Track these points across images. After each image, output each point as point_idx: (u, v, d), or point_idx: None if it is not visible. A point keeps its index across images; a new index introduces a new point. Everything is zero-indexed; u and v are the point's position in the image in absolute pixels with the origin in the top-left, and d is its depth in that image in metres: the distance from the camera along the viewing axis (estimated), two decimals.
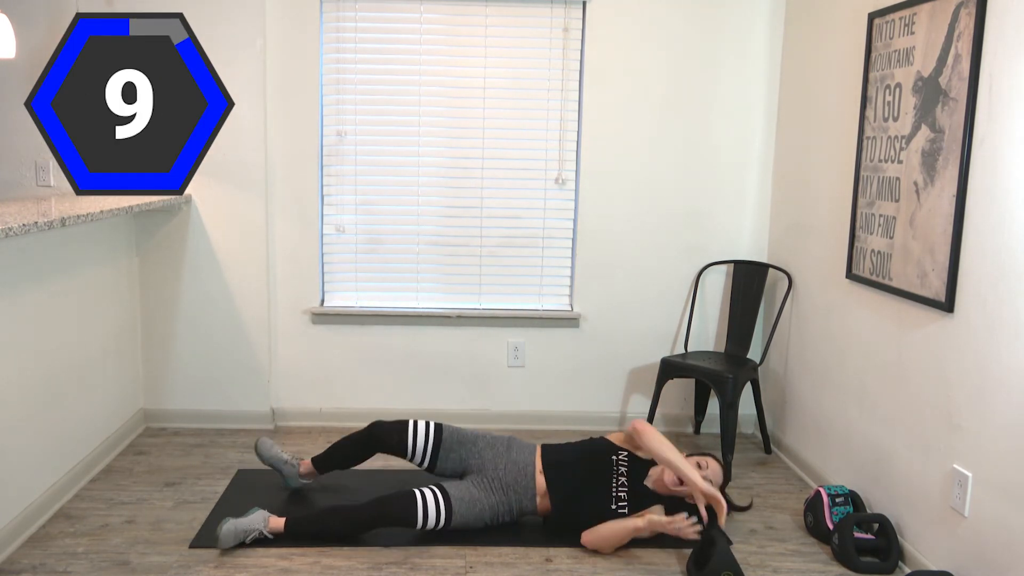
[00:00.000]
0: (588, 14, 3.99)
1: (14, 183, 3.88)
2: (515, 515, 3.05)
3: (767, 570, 2.86)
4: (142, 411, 4.06)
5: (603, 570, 2.82)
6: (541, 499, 3.03)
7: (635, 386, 4.28)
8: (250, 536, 2.88)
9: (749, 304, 4.04)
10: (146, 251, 3.98)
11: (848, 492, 3.10)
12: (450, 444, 3.11)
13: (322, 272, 4.15)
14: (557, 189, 4.15)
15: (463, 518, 2.95)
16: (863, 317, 3.22)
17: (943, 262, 2.66)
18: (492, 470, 3.04)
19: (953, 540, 2.63)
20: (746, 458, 3.93)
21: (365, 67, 4.01)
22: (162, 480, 3.45)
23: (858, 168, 3.23)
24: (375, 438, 3.14)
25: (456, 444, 3.12)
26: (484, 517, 2.99)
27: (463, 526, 2.97)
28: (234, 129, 3.85)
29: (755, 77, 4.07)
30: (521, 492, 3.02)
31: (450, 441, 3.12)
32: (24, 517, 2.91)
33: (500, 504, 3.00)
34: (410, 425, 3.14)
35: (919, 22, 2.84)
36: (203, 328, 4.03)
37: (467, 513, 2.95)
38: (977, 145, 2.53)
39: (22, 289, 2.92)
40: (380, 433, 3.14)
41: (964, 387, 2.59)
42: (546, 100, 4.07)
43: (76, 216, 2.85)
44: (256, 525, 2.90)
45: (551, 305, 4.24)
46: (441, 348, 4.19)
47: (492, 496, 3.00)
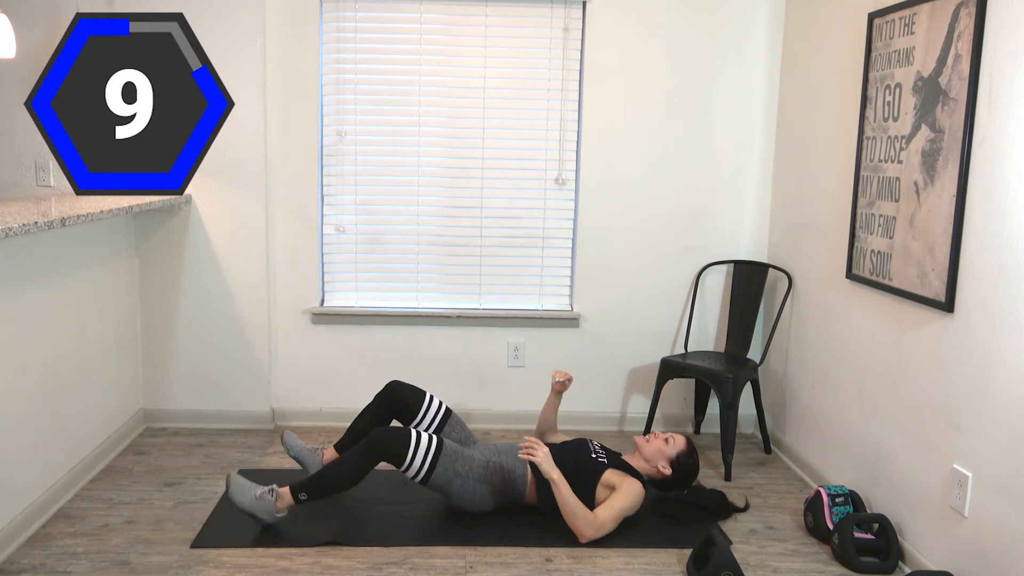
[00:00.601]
0: (588, 14, 3.99)
1: (14, 183, 3.88)
2: (505, 482, 3.10)
3: (767, 570, 2.86)
4: (142, 411, 4.06)
5: (603, 570, 2.82)
6: (531, 488, 3.14)
7: (635, 386, 4.28)
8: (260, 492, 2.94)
9: (749, 304, 4.04)
10: (146, 251, 3.98)
11: (848, 492, 3.10)
12: (455, 422, 3.40)
13: (322, 272, 4.15)
14: (557, 189, 4.15)
15: (450, 466, 3.02)
16: (863, 317, 3.22)
17: (943, 262, 2.66)
18: (484, 444, 3.30)
19: (953, 540, 2.63)
20: (746, 458, 3.93)
21: (365, 67, 4.01)
22: (162, 480, 3.45)
23: (858, 168, 3.23)
24: (395, 392, 3.38)
25: (459, 426, 3.40)
26: (474, 472, 3.06)
27: (448, 481, 3.03)
28: (234, 129, 3.85)
29: (755, 77, 4.07)
30: (513, 460, 3.15)
31: (455, 421, 3.41)
32: (24, 517, 2.91)
33: (492, 464, 3.10)
34: (427, 396, 3.40)
35: (919, 22, 2.84)
36: (203, 328, 4.03)
37: (455, 463, 3.04)
38: (977, 145, 2.53)
39: (22, 289, 2.92)
40: (400, 388, 3.39)
41: (964, 387, 2.59)
42: (546, 100, 4.07)
43: (76, 216, 2.85)
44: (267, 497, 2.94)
45: (551, 305, 4.24)
46: (441, 348, 4.19)
47: (484, 455, 3.14)
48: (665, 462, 3.25)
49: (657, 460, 3.25)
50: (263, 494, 2.95)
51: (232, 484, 2.93)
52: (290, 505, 2.97)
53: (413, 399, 3.36)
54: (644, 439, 3.32)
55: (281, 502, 2.97)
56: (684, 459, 3.26)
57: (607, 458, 3.20)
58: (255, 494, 2.94)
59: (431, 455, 3.01)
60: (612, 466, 3.16)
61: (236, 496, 2.92)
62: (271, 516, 2.96)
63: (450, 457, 3.04)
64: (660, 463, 3.25)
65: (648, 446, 3.29)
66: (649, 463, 3.26)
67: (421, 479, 3.02)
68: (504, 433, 4.14)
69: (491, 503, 3.13)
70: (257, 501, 2.93)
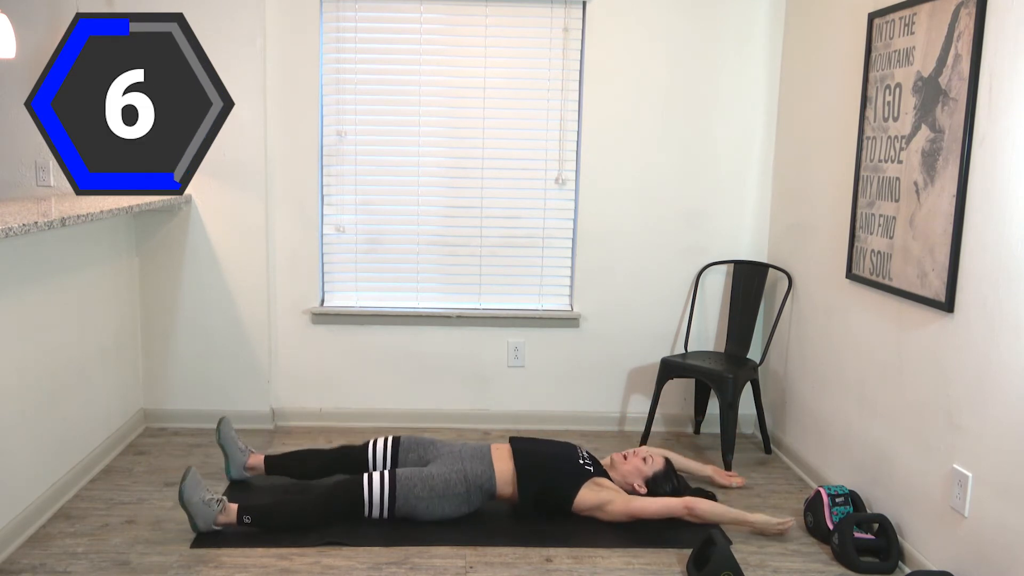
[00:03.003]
0: (588, 14, 3.99)
1: (14, 183, 3.88)
2: (471, 487, 3.06)
3: (767, 570, 2.86)
4: (142, 411, 4.06)
5: (603, 570, 2.82)
6: (503, 485, 3.09)
7: (635, 386, 4.28)
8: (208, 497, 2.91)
9: (749, 304, 4.04)
10: (146, 251, 3.98)
11: (848, 492, 3.10)
12: (408, 446, 3.28)
13: (322, 272, 4.15)
14: (557, 189, 4.15)
15: (410, 494, 2.99)
16: (863, 317, 3.22)
17: (943, 262, 2.66)
18: (448, 451, 3.20)
19: (953, 540, 2.63)
20: (746, 458, 3.93)
21: (365, 67, 4.01)
22: (162, 480, 3.45)
23: (858, 168, 3.23)
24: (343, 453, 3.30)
25: (415, 445, 3.28)
26: (436, 489, 3.01)
27: (413, 508, 3.01)
28: (234, 129, 3.85)
29: (755, 77, 4.07)
30: (478, 463, 3.10)
31: (408, 443, 3.29)
32: (24, 517, 2.91)
33: (453, 473, 3.05)
34: (369, 445, 3.31)
35: (919, 22, 2.84)
36: (203, 328, 4.03)
37: (414, 488, 3.00)
38: (977, 145, 2.53)
39: (22, 289, 2.92)
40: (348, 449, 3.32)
41: (964, 387, 2.59)
42: (546, 100, 4.07)
43: (76, 216, 2.86)
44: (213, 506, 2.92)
45: (551, 305, 4.23)
46: (441, 348, 4.19)
47: (444, 467, 3.08)
48: (641, 481, 3.23)
49: (633, 478, 3.24)
50: (211, 500, 2.92)
51: (189, 478, 2.90)
52: (231, 523, 2.94)
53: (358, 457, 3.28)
54: (622, 456, 3.31)
55: (224, 516, 2.93)
56: (661, 480, 3.23)
57: (593, 467, 3.20)
58: (204, 498, 2.91)
59: (387, 492, 2.99)
60: (597, 475, 3.18)
61: (187, 491, 2.88)
62: (207, 525, 2.92)
63: (406, 485, 3.00)
64: (636, 481, 3.23)
65: (626, 464, 3.27)
66: (625, 480, 3.25)
67: (386, 516, 3.01)
68: (504, 433, 4.14)
69: (464, 511, 3.10)
70: (202, 506, 2.90)
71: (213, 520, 2.92)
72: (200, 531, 2.93)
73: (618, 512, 3.08)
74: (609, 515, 3.10)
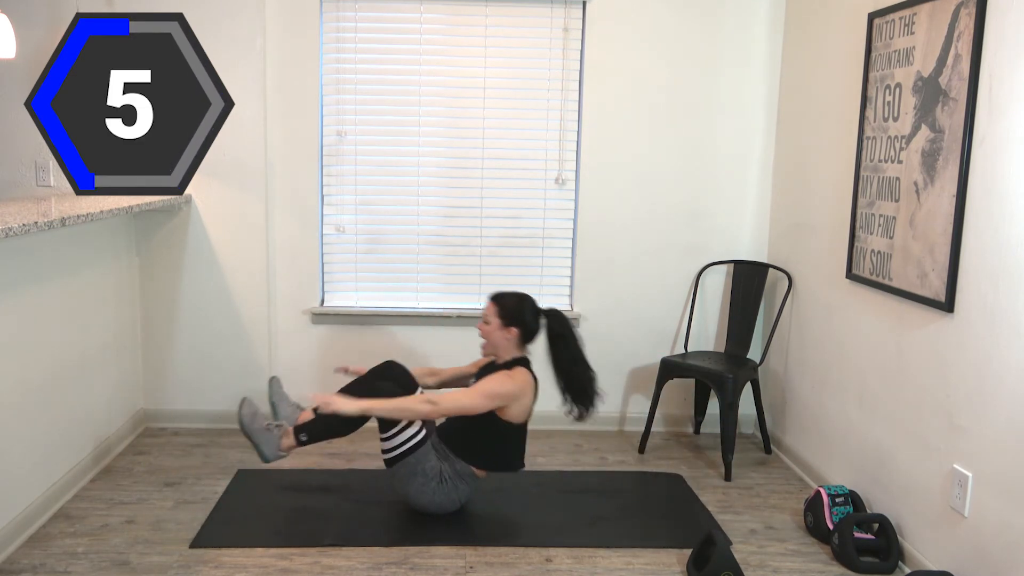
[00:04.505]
0: (588, 14, 3.99)
1: (14, 183, 3.89)
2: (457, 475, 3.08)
3: (767, 570, 2.86)
4: (142, 411, 4.06)
5: (603, 570, 2.82)
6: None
7: (635, 386, 4.28)
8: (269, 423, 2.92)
9: (749, 304, 4.04)
10: (146, 251, 3.98)
11: (848, 492, 3.10)
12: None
13: (322, 272, 4.15)
14: (557, 189, 4.15)
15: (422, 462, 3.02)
16: (863, 317, 3.22)
17: (943, 262, 2.66)
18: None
19: (953, 540, 2.63)
20: (746, 458, 3.93)
21: (365, 67, 4.01)
22: (162, 480, 3.45)
23: (858, 168, 3.23)
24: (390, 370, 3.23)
25: None
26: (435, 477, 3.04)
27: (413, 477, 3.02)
28: (234, 129, 3.85)
29: (755, 77, 4.07)
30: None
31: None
32: (24, 517, 2.91)
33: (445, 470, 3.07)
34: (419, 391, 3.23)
35: (919, 22, 2.84)
36: (203, 328, 4.03)
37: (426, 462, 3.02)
38: (977, 145, 2.53)
39: (22, 289, 2.92)
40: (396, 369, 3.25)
41: (964, 387, 2.59)
42: (546, 100, 4.07)
43: (76, 216, 2.86)
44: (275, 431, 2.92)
45: (551, 305, 4.22)
46: (441, 348, 4.18)
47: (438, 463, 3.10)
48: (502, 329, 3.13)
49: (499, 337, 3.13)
50: (271, 426, 2.91)
51: (245, 407, 2.88)
52: (293, 446, 2.97)
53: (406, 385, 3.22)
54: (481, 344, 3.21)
55: (288, 440, 2.97)
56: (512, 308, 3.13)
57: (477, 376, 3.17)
58: (264, 424, 2.90)
59: (418, 438, 3.00)
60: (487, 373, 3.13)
61: (247, 421, 2.86)
62: (274, 452, 2.92)
63: (425, 455, 3.02)
64: (503, 335, 3.13)
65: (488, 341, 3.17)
66: (500, 348, 3.15)
67: (394, 457, 3.00)
68: None
69: (448, 507, 3.11)
70: (265, 432, 2.90)
71: (278, 445, 2.94)
72: (268, 460, 2.95)
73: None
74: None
